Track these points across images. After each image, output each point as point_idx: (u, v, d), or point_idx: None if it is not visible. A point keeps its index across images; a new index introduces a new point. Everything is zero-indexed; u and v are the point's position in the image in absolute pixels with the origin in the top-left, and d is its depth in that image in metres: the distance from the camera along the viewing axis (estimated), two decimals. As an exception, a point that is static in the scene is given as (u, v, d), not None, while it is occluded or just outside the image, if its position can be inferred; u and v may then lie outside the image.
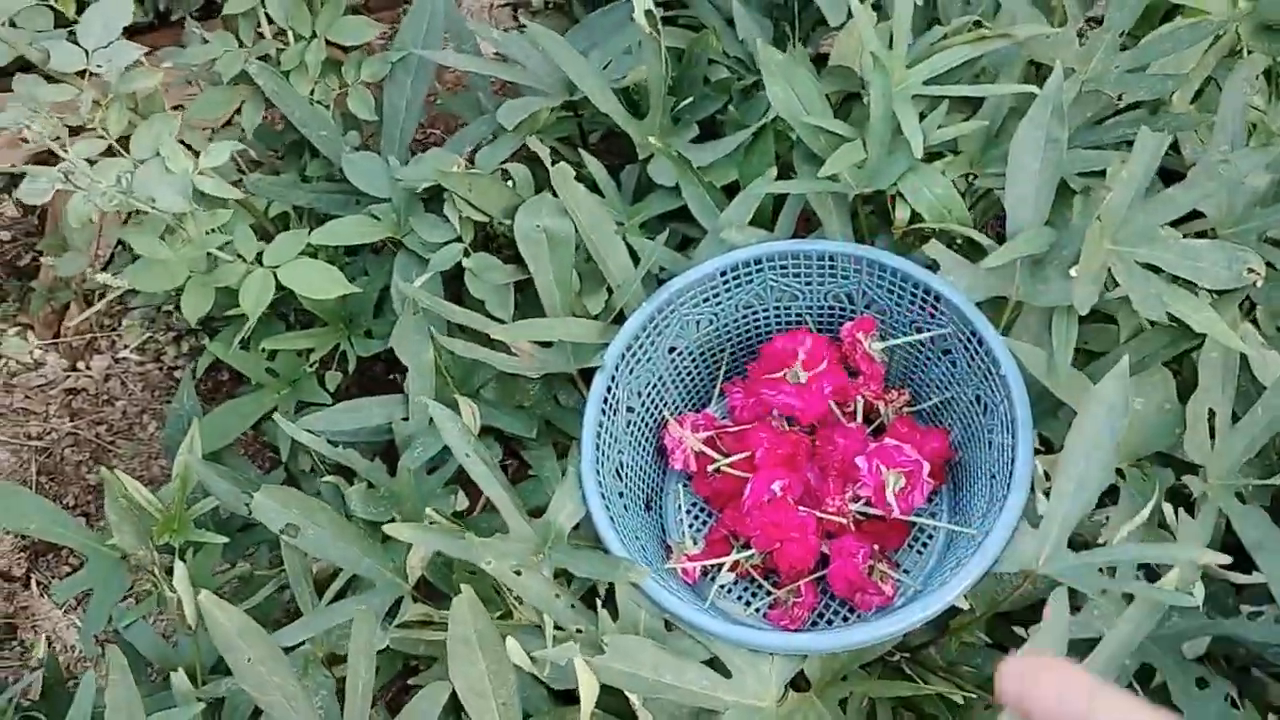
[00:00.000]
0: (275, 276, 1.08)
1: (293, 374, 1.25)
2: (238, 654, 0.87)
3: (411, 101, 1.24)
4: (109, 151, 1.03)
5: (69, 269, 1.30)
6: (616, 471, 1.00)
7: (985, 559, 0.85)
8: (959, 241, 1.05)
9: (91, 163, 0.89)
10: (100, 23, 0.90)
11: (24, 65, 1.01)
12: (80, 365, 1.57)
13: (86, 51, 0.89)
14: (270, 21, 1.19)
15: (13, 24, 0.93)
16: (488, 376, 1.13)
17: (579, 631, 0.89)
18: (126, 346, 1.58)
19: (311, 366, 1.25)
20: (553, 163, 1.06)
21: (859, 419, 1.06)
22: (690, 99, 1.21)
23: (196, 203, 0.94)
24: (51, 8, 0.95)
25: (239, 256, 1.10)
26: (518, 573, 0.89)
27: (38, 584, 1.43)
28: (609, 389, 1.00)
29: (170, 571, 1.03)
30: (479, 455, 0.94)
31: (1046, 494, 0.91)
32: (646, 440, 1.08)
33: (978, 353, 0.98)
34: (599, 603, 0.90)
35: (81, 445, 1.52)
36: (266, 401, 1.24)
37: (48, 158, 1.58)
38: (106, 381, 1.57)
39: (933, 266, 1.01)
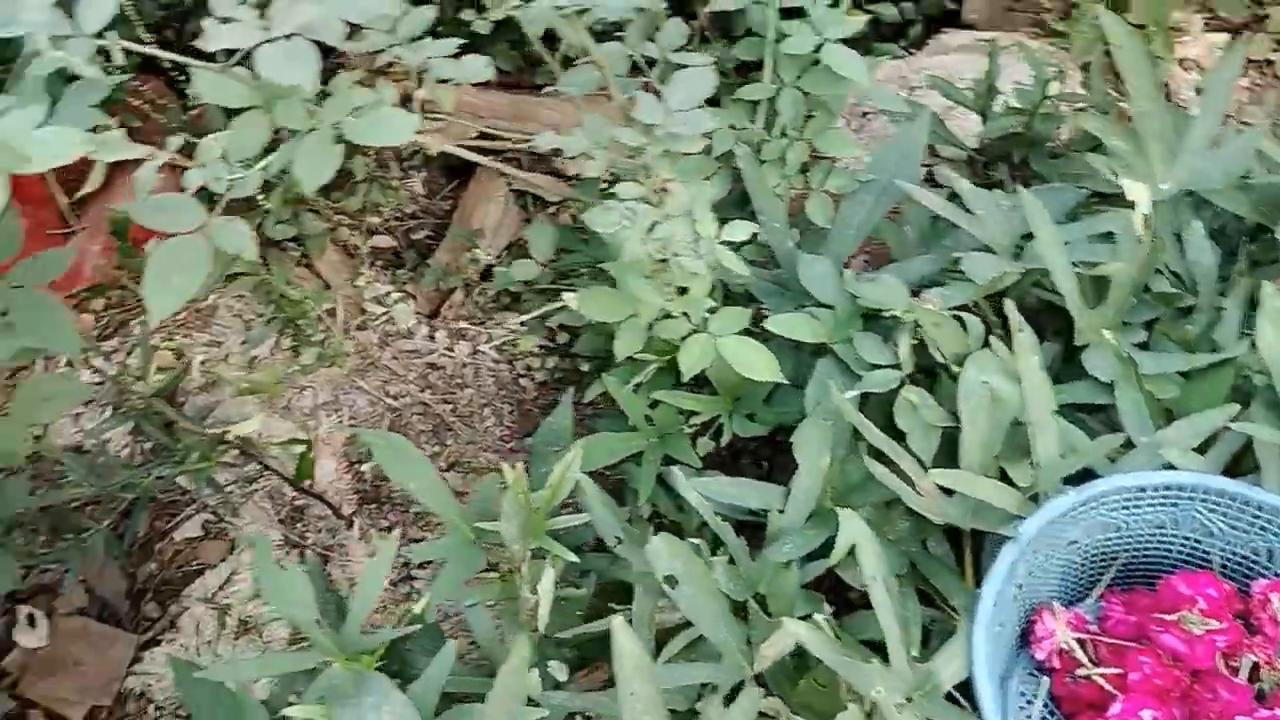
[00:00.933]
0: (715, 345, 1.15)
1: (667, 427, 1.31)
2: (625, 686, 0.91)
3: (864, 222, 1.30)
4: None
5: (522, 274, 1.42)
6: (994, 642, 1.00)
7: None
8: None
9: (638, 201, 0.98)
10: (685, 89, 1.00)
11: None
12: (453, 347, 1.70)
13: (669, 111, 0.99)
14: (771, 113, 1.27)
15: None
16: (866, 499, 1.16)
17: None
18: (489, 341, 1.70)
19: (690, 428, 1.31)
20: (1018, 329, 1.08)
21: (1243, 677, 1.02)
22: (1134, 302, 1.21)
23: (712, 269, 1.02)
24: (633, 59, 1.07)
25: (684, 315, 1.17)
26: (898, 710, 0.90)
27: (360, 528, 1.54)
28: (1014, 562, 1.00)
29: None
30: (884, 583, 0.96)
31: None
32: (1017, 618, 1.07)
33: None
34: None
35: (428, 417, 1.64)
36: (635, 444, 1.31)
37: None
38: (464, 368, 1.69)
39: (1379, 557, 0.98)
